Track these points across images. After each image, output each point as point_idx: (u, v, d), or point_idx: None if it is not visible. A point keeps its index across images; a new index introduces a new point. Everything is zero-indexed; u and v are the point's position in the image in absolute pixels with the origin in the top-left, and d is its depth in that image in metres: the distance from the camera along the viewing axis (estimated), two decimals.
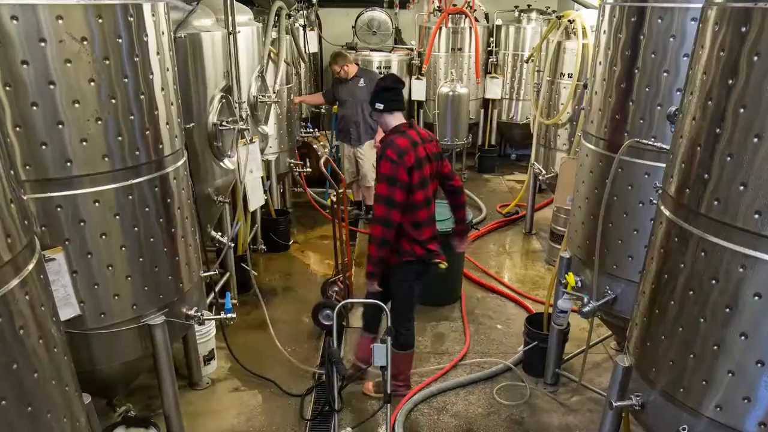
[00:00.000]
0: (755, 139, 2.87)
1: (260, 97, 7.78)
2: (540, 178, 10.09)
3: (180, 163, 4.69)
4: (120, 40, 3.90)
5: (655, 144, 4.59)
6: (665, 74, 4.61)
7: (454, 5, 12.74)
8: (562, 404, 6.22)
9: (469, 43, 13.01)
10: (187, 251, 4.84)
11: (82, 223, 4.02)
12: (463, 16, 12.78)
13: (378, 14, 13.27)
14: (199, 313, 5.02)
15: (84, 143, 3.86)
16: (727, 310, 3.13)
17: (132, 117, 4.08)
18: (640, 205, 4.84)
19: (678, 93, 4.53)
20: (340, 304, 5.88)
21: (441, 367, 6.72)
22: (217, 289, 7.13)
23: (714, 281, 3.17)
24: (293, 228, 9.93)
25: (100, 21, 3.75)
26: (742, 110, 2.92)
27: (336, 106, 10.89)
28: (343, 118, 10.41)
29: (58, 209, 3.93)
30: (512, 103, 13.71)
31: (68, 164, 3.85)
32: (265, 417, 5.97)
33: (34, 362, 2.82)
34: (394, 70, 12.84)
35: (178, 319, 4.81)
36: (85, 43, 3.71)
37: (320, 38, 13.87)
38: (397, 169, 5.32)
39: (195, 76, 6.17)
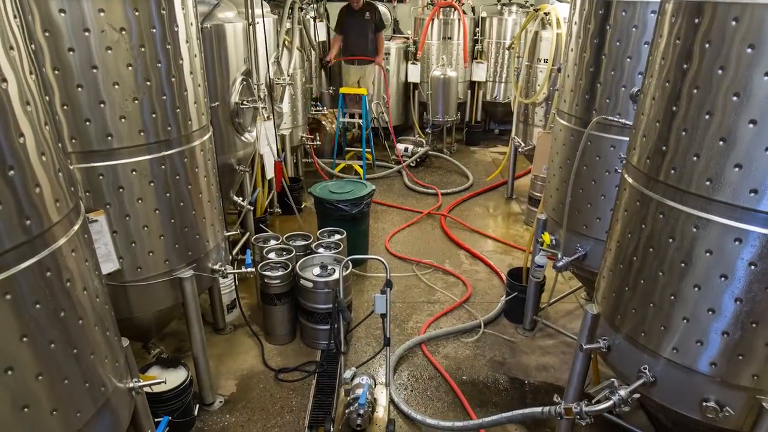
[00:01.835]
0: (707, 116, 2.88)
1: (276, 79, 7.76)
2: (519, 150, 10.10)
3: (206, 137, 4.67)
4: (154, 30, 3.88)
5: (620, 120, 4.59)
6: (628, 60, 4.60)
7: None
8: (539, 347, 6.24)
9: (457, 33, 12.95)
10: (212, 213, 4.84)
11: (121, 190, 4.02)
12: (453, 8, 12.73)
13: (379, 7, 13.20)
14: (223, 268, 5.03)
15: (123, 120, 3.85)
16: (683, 265, 3.15)
17: (164, 97, 4.06)
18: (607, 173, 4.84)
19: (639, 76, 4.52)
20: (346, 260, 5.89)
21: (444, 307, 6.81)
22: (238, 246, 7.16)
23: (671, 240, 3.18)
24: (304, 193, 9.93)
25: (137, 13, 3.73)
26: (695, 91, 2.93)
27: (342, 88, 10.91)
28: None
29: (100, 177, 3.93)
30: (495, 85, 13.64)
31: (109, 138, 3.84)
32: (280, 358, 6.01)
33: (79, 311, 2.84)
34: (393, 56, 12.86)
35: (204, 272, 4.82)
36: (123, 32, 3.69)
37: (328, 29, 13.76)
38: None
39: (219, 62, 6.15)
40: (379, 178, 11.35)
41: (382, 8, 12.92)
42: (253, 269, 5.50)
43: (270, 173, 7.39)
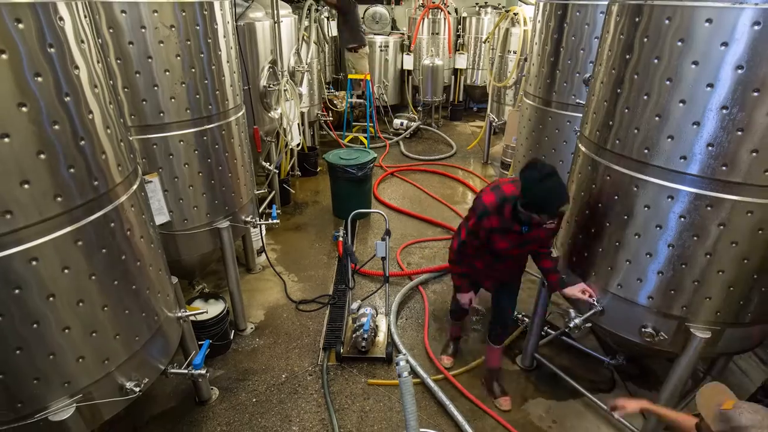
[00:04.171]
0: (645, 97, 2.87)
1: (296, 67, 7.69)
2: (494, 124, 10.09)
3: (240, 113, 4.64)
4: (198, 27, 3.84)
5: (575, 100, 4.57)
6: (582, 51, 4.57)
7: (433, 2, 12.54)
8: None
9: (443, 29, 12.81)
10: (244, 175, 4.82)
11: (171, 156, 4.01)
12: (439, 10, 12.60)
13: (380, 9, 13.11)
14: (254, 219, 5.04)
15: (173, 100, 3.83)
16: (625, 217, 3.17)
17: (206, 81, 4.03)
18: (564, 143, 4.83)
19: (590, 64, 4.50)
20: (351, 214, 5.89)
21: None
22: (266, 203, 7.16)
23: (616, 197, 3.19)
24: (320, 159, 9.89)
25: (184, 14, 3.69)
26: (636, 76, 2.92)
27: (351, 73, 10.83)
28: None
29: (154, 146, 3.92)
30: (474, 71, 13.52)
31: (161, 114, 3.83)
32: (300, 293, 6.03)
33: (137, 254, 2.87)
34: (391, 49, 12.71)
35: (238, 223, 4.82)
36: (173, 29, 3.66)
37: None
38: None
39: (250, 53, 6.10)
40: (380, 147, 11.28)
41: (380, 9, 12.85)
42: (278, 220, 5.50)
43: (293, 143, 7.36)
